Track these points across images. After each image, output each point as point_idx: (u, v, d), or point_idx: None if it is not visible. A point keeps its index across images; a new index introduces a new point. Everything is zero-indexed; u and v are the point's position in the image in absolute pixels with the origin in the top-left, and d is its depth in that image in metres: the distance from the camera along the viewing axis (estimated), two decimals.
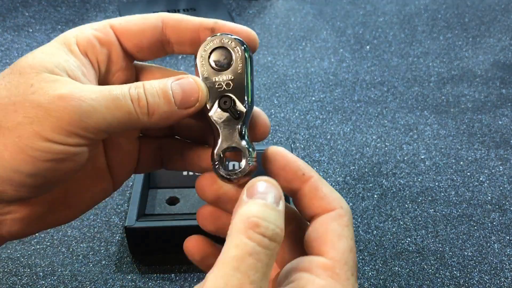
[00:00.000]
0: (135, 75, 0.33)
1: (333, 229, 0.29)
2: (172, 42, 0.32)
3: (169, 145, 0.35)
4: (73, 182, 0.31)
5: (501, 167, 0.64)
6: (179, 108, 0.29)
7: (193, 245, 0.33)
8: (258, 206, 0.26)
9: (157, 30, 0.32)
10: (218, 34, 0.31)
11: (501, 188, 0.61)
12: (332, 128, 0.69)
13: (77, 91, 0.26)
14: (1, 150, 0.26)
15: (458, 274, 0.52)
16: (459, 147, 0.67)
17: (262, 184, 0.27)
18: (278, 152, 0.31)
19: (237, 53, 0.31)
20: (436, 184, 0.61)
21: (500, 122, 0.71)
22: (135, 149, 0.35)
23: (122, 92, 0.28)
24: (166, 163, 0.36)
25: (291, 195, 0.31)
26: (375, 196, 0.60)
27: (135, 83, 0.29)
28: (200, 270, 0.52)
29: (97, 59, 0.30)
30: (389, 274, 0.52)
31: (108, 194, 0.35)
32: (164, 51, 0.33)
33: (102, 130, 0.27)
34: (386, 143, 0.67)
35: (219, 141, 0.31)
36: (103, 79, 0.31)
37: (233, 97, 0.31)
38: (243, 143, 0.31)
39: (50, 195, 0.30)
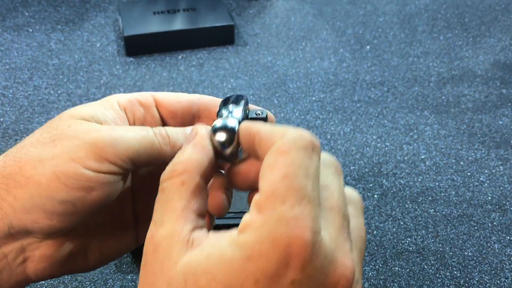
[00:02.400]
0: None
1: (266, 163, 0.26)
2: (202, 117, 0.35)
3: None
4: (99, 228, 0.34)
5: (501, 167, 0.64)
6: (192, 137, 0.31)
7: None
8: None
9: (192, 105, 0.35)
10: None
11: (501, 188, 0.61)
12: (332, 128, 0.69)
13: (110, 129, 0.30)
14: (39, 178, 0.28)
15: (459, 274, 0.52)
16: (460, 147, 0.67)
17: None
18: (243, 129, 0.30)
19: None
20: (437, 184, 0.61)
21: (500, 122, 0.70)
22: None
23: (145, 128, 0.31)
24: None
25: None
26: (375, 196, 0.60)
27: (157, 127, 0.32)
28: None
29: (133, 116, 0.34)
30: (389, 274, 0.52)
31: (130, 249, 0.36)
32: (193, 122, 0.35)
33: (130, 157, 0.30)
34: (386, 143, 0.67)
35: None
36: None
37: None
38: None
39: (76, 238, 0.32)
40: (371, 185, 0.61)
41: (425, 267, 0.52)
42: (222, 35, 0.84)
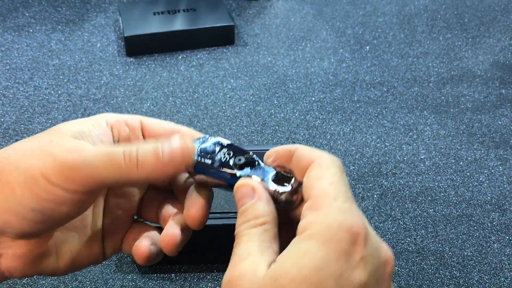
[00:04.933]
0: (142, 193, 0.39)
1: (312, 175, 0.32)
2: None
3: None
4: (70, 236, 0.36)
5: (500, 167, 0.64)
6: (166, 166, 0.33)
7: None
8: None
9: (172, 131, 0.37)
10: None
11: (500, 188, 0.61)
12: (332, 128, 0.69)
13: (84, 147, 0.32)
14: (15, 186, 0.31)
15: (458, 274, 0.52)
16: (459, 147, 0.67)
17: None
18: (273, 152, 0.36)
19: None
20: (436, 184, 0.61)
21: (499, 122, 0.71)
22: (129, 222, 0.39)
23: (116, 150, 0.32)
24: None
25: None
26: (375, 196, 0.60)
27: (133, 143, 0.34)
28: (200, 270, 0.52)
29: (119, 134, 0.36)
30: None
31: (97, 262, 0.38)
32: None
33: (96, 180, 0.32)
34: (386, 143, 0.67)
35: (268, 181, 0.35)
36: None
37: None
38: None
39: (47, 240, 0.34)
40: (370, 185, 0.61)
41: (425, 266, 0.53)
42: (222, 35, 0.84)
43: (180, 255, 0.53)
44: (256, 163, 0.36)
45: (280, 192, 0.34)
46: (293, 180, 0.34)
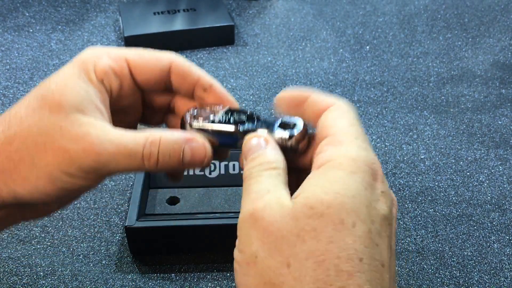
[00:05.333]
0: (141, 97, 0.39)
1: (331, 116, 0.33)
2: (173, 85, 0.37)
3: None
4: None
5: (500, 167, 0.64)
6: (184, 166, 0.34)
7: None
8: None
9: (164, 72, 0.37)
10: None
11: (500, 188, 0.61)
12: None
13: (98, 144, 0.32)
14: (35, 181, 0.32)
15: (458, 274, 0.52)
16: (459, 147, 0.67)
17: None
18: (284, 97, 0.36)
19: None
20: (436, 184, 0.61)
21: (499, 122, 0.71)
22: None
23: (136, 147, 0.33)
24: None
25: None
26: None
27: (152, 138, 0.33)
28: (200, 270, 0.52)
29: (110, 86, 0.35)
30: None
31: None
32: (167, 88, 0.38)
33: (113, 173, 0.33)
34: (386, 143, 0.67)
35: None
36: (114, 102, 0.36)
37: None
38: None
39: (60, 203, 0.38)
40: None
41: (425, 266, 0.53)
42: (222, 35, 0.84)
43: (180, 255, 0.54)
44: (255, 117, 0.36)
45: (286, 138, 0.34)
46: (297, 126, 0.34)
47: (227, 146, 0.37)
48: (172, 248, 0.53)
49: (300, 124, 0.34)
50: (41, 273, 0.51)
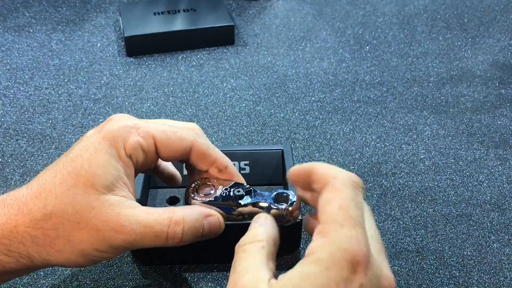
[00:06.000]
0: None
1: (323, 198, 0.33)
2: (192, 161, 0.42)
3: None
4: None
5: (500, 167, 0.64)
6: (201, 238, 0.39)
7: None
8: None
9: (186, 151, 0.40)
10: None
11: (500, 188, 0.61)
12: (332, 128, 0.70)
13: (127, 225, 0.35)
14: (68, 254, 0.35)
15: (458, 274, 0.52)
16: (458, 147, 0.67)
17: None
18: (294, 175, 0.38)
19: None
20: (436, 184, 0.62)
21: (499, 122, 0.71)
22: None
23: (162, 228, 0.36)
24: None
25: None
26: (375, 196, 0.60)
27: (176, 219, 0.37)
28: (200, 270, 0.52)
29: (137, 160, 0.39)
30: None
31: None
32: (184, 161, 0.42)
33: (138, 248, 0.37)
34: (386, 143, 0.67)
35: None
36: (138, 169, 0.40)
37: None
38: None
39: None
40: (370, 184, 0.61)
41: (424, 266, 0.53)
42: (222, 35, 0.84)
43: (181, 255, 0.54)
44: (252, 190, 0.40)
45: (279, 211, 0.38)
46: (290, 199, 0.38)
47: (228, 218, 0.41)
48: (172, 248, 0.53)
49: (292, 197, 0.38)
50: (41, 273, 0.51)
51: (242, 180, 0.42)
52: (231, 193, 0.40)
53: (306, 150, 0.66)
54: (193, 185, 0.42)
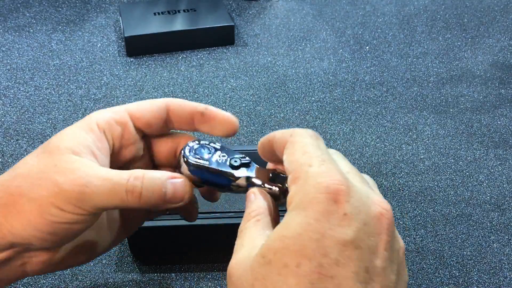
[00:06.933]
0: (144, 146, 0.40)
1: (286, 154, 0.33)
2: (173, 121, 0.40)
3: None
4: (91, 232, 0.38)
5: (500, 167, 0.64)
6: (166, 202, 0.36)
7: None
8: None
9: (162, 112, 0.39)
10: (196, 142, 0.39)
11: (500, 188, 0.61)
12: (332, 128, 0.70)
13: (84, 176, 0.34)
14: (28, 214, 0.34)
15: (457, 274, 0.52)
16: (458, 147, 0.67)
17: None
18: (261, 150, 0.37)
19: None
20: (435, 184, 0.62)
21: (499, 122, 0.71)
22: None
23: (120, 181, 0.34)
24: None
25: None
26: None
27: (136, 174, 0.35)
28: (200, 270, 0.52)
29: (112, 135, 0.38)
30: None
31: (121, 241, 0.42)
32: (167, 127, 0.40)
33: (99, 208, 0.34)
34: (386, 143, 0.67)
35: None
36: (117, 152, 0.38)
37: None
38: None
39: (66, 248, 0.37)
40: None
41: (424, 266, 0.53)
42: (222, 35, 0.84)
43: (181, 255, 0.54)
44: (250, 163, 0.38)
45: (275, 189, 0.36)
46: (285, 176, 0.36)
47: (217, 186, 0.38)
48: (172, 247, 0.53)
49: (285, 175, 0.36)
50: None
51: (233, 118, 0.39)
52: (227, 162, 0.38)
53: None
54: (189, 144, 0.39)
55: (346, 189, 0.29)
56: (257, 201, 0.35)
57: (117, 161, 0.39)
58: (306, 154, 0.31)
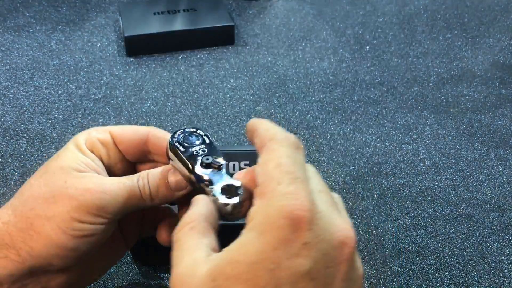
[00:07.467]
0: (131, 164, 0.42)
1: (260, 160, 0.31)
2: (152, 153, 0.41)
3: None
4: (100, 252, 0.39)
5: (500, 167, 0.64)
6: (174, 191, 0.38)
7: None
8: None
9: (142, 140, 0.40)
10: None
11: (500, 188, 0.61)
12: (332, 128, 0.70)
13: (100, 185, 0.36)
14: (50, 233, 0.34)
15: (458, 274, 0.52)
16: (459, 147, 0.67)
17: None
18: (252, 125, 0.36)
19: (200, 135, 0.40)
20: (436, 184, 0.62)
21: (499, 122, 0.71)
22: (140, 215, 0.44)
23: (132, 183, 0.37)
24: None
25: None
26: (375, 196, 0.60)
27: (142, 174, 0.38)
28: None
29: (100, 154, 0.40)
30: (389, 273, 0.52)
31: (123, 254, 0.45)
32: (147, 157, 0.41)
33: (119, 212, 0.36)
34: (386, 143, 0.67)
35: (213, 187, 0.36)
36: (107, 169, 0.40)
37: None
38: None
39: (83, 265, 0.39)
40: (370, 185, 0.61)
41: (425, 266, 0.53)
42: (222, 35, 0.84)
43: None
44: (221, 168, 0.37)
45: (223, 203, 0.34)
46: (239, 192, 0.34)
47: (189, 182, 0.38)
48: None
49: (241, 192, 0.34)
50: None
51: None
52: (199, 157, 0.37)
53: (306, 150, 0.66)
54: (187, 129, 0.39)
55: (310, 216, 0.27)
56: (194, 208, 0.33)
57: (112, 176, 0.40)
58: (279, 168, 0.29)
